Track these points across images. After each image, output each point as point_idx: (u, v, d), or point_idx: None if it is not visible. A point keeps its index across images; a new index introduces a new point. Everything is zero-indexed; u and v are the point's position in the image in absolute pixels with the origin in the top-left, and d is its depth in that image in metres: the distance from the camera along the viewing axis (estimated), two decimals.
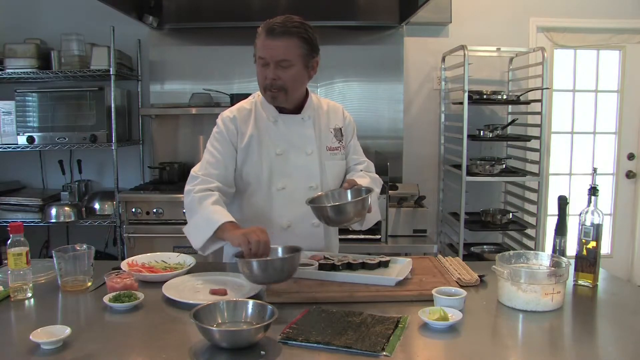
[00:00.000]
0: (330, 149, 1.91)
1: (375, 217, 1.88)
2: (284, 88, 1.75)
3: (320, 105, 1.94)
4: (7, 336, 1.31)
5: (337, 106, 2.00)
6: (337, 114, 1.97)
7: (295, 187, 1.82)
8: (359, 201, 1.63)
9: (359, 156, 2.00)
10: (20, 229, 1.52)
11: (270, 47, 1.71)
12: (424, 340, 1.26)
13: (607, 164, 4.09)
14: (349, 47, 3.67)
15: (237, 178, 1.87)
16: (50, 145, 3.39)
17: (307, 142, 1.87)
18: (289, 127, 1.86)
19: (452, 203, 3.73)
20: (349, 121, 1.99)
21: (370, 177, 1.92)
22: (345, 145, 1.96)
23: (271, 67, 1.73)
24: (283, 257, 1.54)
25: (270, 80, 1.74)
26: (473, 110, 3.46)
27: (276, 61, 1.72)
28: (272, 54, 1.71)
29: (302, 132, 1.87)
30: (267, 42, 1.72)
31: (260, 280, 1.48)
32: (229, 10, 3.52)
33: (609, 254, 4.12)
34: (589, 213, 1.63)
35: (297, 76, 1.76)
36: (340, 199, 1.72)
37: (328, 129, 1.92)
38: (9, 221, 2.70)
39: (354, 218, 1.64)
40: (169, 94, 3.71)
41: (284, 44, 1.71)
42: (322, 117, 1.92)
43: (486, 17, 3.78)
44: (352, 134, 1.99)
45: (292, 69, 1.74)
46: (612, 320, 1.44)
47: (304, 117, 1.87)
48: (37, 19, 3.69)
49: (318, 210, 1.65)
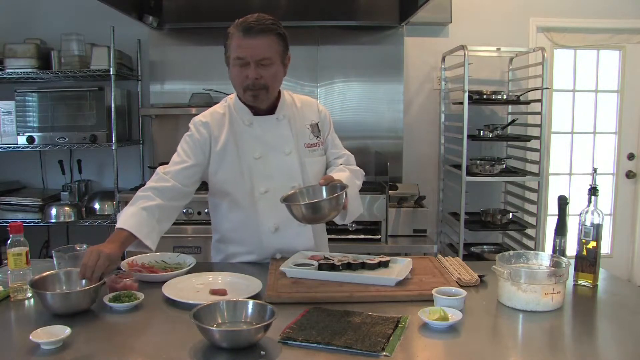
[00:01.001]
0: (309, 146, 1.90)
1: (358, 211, 1.88)
2: (265, 86, 1.75)
3: (294, 103, 1.92)
4: (7, 336, 1.31)
5: (311, 101, 1.98)
6: (312, 109, 1.95)
7: (278, 189, 1.78)
8: (334, 198, 1.61)
9: (338, 150, 1.98)
10: (20, 229, 1.52)
11: (249, 46, 1.70)
12: (424, 340, 1.26)
13: (607, 164, 4.09)
14: (349, 47, 3.67)
15: (216, 185, 1.87)
16: (50, 145, 3.39)
17: (284, 142, 1.85)
18: (264, 129, 1.84)
19: (452, 203, 3.73)
20: (325, 115, 1.97)
21: (349, 170, 1.90)
22: (323, 140, 1.94)
23: (252, 66, 1.71)
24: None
25: (252, 79, 1.72)
26: (473, 110, 3.46)
27: (257, 60, 1.71)
28: (252, 53, 1.70)
29: (278, 132, 1.85)
30: (245, 41, 1.70)
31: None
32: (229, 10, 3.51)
33: (609, 254, 4.12)
34: (589, 213, 1.63)
35: (276, 73, 1.76)
36: (315, 195, 1.70)
37: (304, 125, 1.90)
38: (9, 221, 2.70)
39: (329, 215, 1.62)
40: (169, 94, 3.71)
41: (263, 42, 1.71)
42: (297, 115, 1.90)
43: (486, 17, 3.78)
44: (329, 127, 1.97)
45: (273, 66, 1.74)
46: (612, 320, 1.44)
47: (279, 117, 1.86)
48: (37, 19, 3.69)
49: (292, 208, 1.62)
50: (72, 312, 1.38)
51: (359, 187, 1.93)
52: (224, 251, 1.96)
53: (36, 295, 1.43)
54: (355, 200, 1.86)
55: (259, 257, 1.89)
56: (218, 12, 3.51)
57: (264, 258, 1.88)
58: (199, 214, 3.11)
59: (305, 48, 3.60)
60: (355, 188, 1.87)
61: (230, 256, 1.94)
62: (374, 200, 3.07)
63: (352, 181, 1.85)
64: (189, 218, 3.14)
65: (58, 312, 1.38)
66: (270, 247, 1.86)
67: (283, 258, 1.80)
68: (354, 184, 1.87)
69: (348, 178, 1.83)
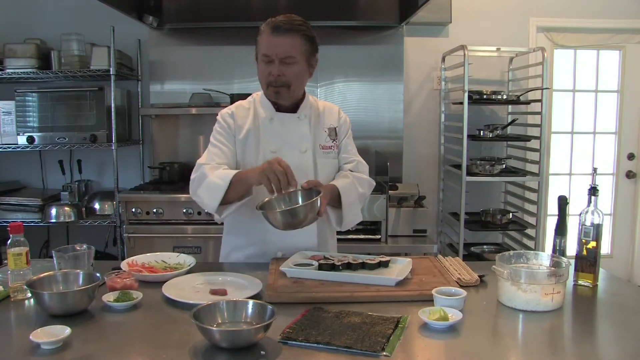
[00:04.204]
0: (324, 148, 1.93)
1: (356, 218, 1.89)
2: (287, 84, 1.79)
3: (317, 106, 1.97)
4: (7, 336, 1.31)
5: (334, 107, 2.03)
6: (333, 114, 1.99)
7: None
8: (309, 204, 1.60)
9: (349, 155, 1.99)
10: (20, 229, 1.52)
11: (275, 44, 1.75)
12: (424, 340, 1.26)
13: (607, 164, 4.09)
14: (349, 47, 3.67)
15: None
16: (50, 145, 3.39)
17: (302, 140, 1.89)
18: (284, 125, 1.88)
19: (452, 203, 3.73)
20: (344, 120, 2.01)
21: (353, 177, 1.90)
22: (338, 144, 1.97)
23: (276, 63, 1.76)
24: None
25: (275, 76, 1.77)
26: (473, 110, 3.46)
27: (281, 58, 1.76)
28: (277, 51, 1.75)
29: (297, 130, 1.89)
30: (272, 39, 1.76)
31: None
32: (229, 10, 3.52)
33: (609, 254, 4.12)
34: (589, 213, 1.63)
35: (300, 73, 1.80)
36: (291, 202, 1.70)
37: (323, 128, 1.95)
38: (9, 221, 2.70)
39: (305, 221, 1.62)
40: (169, 94, 3.71)
41: (288, 41, 1.75)
42: (318, 117, 1.95)
43: (486, 17, 3.78)
44: (346, 133, 2.00)
45: (296, 65, 1.78)
46: (612, 320, 1.44)
47: (300, 115, 1.90)
48: (37, 19, 3.70)
49: (268, 215, 1.62)
50: (70, 312, 1.38)
51: (361, 195, 1.92)
52: (230, 242, 1.98)
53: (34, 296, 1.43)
54: (354, 207, 1.87)
55: (263, 251, 1.90)
56: (218, 12, 3.51)
57: (267, 252, 1.89)
58: (199, 214, 3.11)
59: None
60: (354, 196, 1.87)
61: (236, 248, 1.95)
62: (374, 200, 3.07)
63: (351, 188, 1.85)
64: (189, 218, 3.14)
65: (56, 312, 1.38)
66: (274, 241, 1.87)
67: (283, 257, 1.80)
68: (353, 191, 1.86)
69: (348, 185, 1.84)
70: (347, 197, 1.83)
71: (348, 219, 1.86)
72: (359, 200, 1.90)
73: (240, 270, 1.73)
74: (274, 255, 1.88)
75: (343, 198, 1.82)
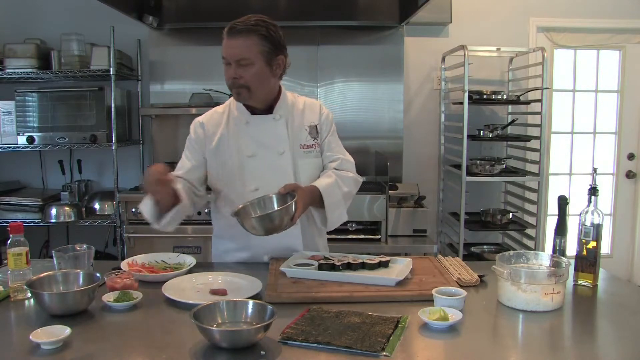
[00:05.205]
0: (304, 147, 1.88)
1: (340, 218, 1.87)
2: (245, 86, 1.75)
3: (296, 104, 1.92)
4: (7, 336, 1.31)
5: (315, 103, 1.97)
6: (314, 111, 1.93)
7: (269, 188, 1.76)
8: (283, 209, 1.61)
9: (333, 153, 1.94)
10: (20, 229, 1.52)
11: (229, 46, 1.73)
12: (424, 340, 1.26)
13: (607, 164, 4.09)
14: (349, 47, 3.67)
15: (211, 182, 1.92)
16: (50, 145, 3.39)
17: (279, 141, 1.85)
18: (260, 128, 1.85)
19: (452, 203, 3.73)
20: (326, 117, 1.95)
21: (336, 176, 1.86)
22: (320, 142, 1.93)
23: (232, 66, 1.73)
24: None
25: (232, 79, 1.74)
26: (473, 110, 3.46)
27: (236, 60, 1.72)
28: (232, 53, 1.73)
29: (273, 131, 1.85)
30: (227, 41, 1.74)
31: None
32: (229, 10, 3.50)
33: (609, 254, 4.12)
34: (589, 213, 1.63)
35: (258, 74, 1.74)
36: (266, 207, 1.70)
37: (302, 126, 1.89)
38: (9, 221, 2.70)
39: (281, 225, 1.62)
40: (169, 94, 3.71)
41: (242, 42, 1.72)
42: (297, 115, 1.90)
43: (486, 17, 3.78)
44: (329, 130, 1.95)
45: (253, 67, 1.73)
46: (612, 320, 1.44)
47: (276, 116, 1.86)
48: (37, 19, 3.69)
49: (244, 222, 1.62)
50: (70, 312, 1.38)
51: (346, 194, 1.87)
52: (220, 246, 1.98)
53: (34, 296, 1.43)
54: (338, 207, 1.84)
55: (250, 256, 1.89)
56: (218, 12, 3.51)
57: (255, 257, 1.88)
58: (199, 214, 3.11)
59: (305, 48, 3.60)
60: (338, 196, 1.83)
61: (225, 252, 1.96)
62: (374, 200, 3.07)
63: (334, 188, 1.82)
64: (189, 218, 3.13)
65: (56, 312, 1.38)
66: (259, 245, 1.86)
67: (283, 258, 1.80)
68: (336, 191, 1.82)
69: (330, 185, 1.81)
70: (330, 197, 1.80)
71: (332, 220, 1.84)
72: (343, 199, 1.86)
73: (240, 270, 1.73)
74: (261, 259, 1.87)
75: (325, 199, 1.78)
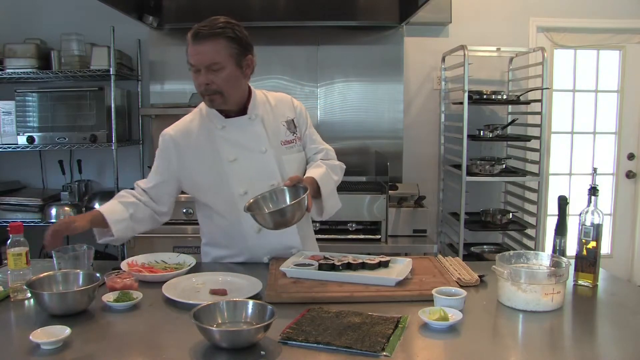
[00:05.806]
0: (285, 143, 1.87)
1: (335, 207, 1.87)
2: (218, 91, 1.71)
3: (267, 101, 1.90)
4: (7, 336, 1.31)
5: (285, 97, 1.96)
6: (286, 105, 1.92)
7: (257, 190, 1.74)
8: (296, 203, 1.60)
9: (317, 145, 1.95)
10: (20, 229, 1.52)
11: (197, 52, 1.68)
12: (424, 340, 1.26)
13: (607, 164, 4.09)
14: (349, 47, 3.67)
15: (193, 192, 1.89)
16: (50, 145, 3.39)
17: (259, 141, 1.82)
18: (237, 130, 1.82)
19: (452, 203, 3.73)
20: (300, 110, 1.94)
21: (327, 166, 1.87)
22: (300, 136, 1.92)
23: (202, 72, 1.68)
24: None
25: (204, 85, 1.70)
26: (473, 110, 3.46)
27: (206, 65, 1.67)
28: (201, 59, 1.67)
29: (251, 132, 1.82)
30: (194, 47, 1.68)
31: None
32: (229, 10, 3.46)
33: (609, 254, 4.12)
34: (589, 213, 1.63)
35: (230, 77, 1.71)
36: (278, 199, 1.69)
37: (279, 123, 1.88)
38: (9, 221, 2.70)
39: (293, 219, 1.62)
40: (169, 94, 3.70)
41: (210, 47, 1.67)
42: (271, 112, 1.88)
43: (486, 17, 3.78)
44: (306, 122, 1.95)
45: (224, 71, 1.69)
46: (612, 320, 1.44)
47: (251, 116, 1.83)
48: (37, 19, 3.69)
49: (257, 217, 1.62)
50: (70, 312, 1.38)
51: (337, 183, 1.90)
52: (211, 255, 1.96)
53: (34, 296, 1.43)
54: (332, 197, 1.85)
55: (248, 259, 1.89)
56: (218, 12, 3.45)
57: (254, 259, 1.88)
58: None
59: (305, 48, 3.60)
60: (332, 184, 1.85)
61: (218, 259, 1.94)
62: (374, 200, 3.07)
63: (327, 178, 1.83)
64: (188, 218, 3.14)
65: (56, 312, 1.38)
66: (257, 247, 1.86)
67: (282, 258, 1.80)
68: (329, 180, 1.84)
69: (323, 175, 1.82)
70: (326, 186, 1.80)
71: (328, 209, 1.84)
72: (335, 187, 1.89)
73: (240, 270, 1.73)
74: (260, 260, 1.87)
75: (322, 188, 1.78)
